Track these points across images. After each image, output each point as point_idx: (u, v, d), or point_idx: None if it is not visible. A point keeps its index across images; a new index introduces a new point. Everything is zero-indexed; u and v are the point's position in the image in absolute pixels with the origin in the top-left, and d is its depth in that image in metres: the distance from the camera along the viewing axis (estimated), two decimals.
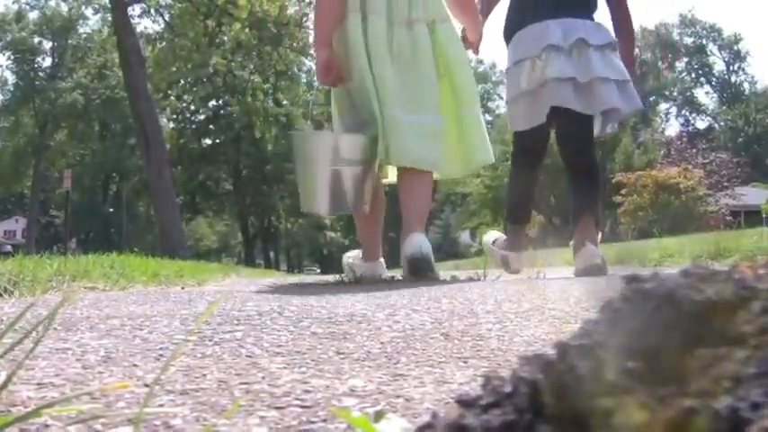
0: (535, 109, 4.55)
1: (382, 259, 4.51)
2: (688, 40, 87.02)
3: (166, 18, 29.50)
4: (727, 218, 35.40)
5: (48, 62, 65.26)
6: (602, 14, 5.59)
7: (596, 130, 4.90)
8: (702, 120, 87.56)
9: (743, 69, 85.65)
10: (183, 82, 49.91)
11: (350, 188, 4.06)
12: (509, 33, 4.89)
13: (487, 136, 4.46)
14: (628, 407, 0.52)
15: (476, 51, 4.83)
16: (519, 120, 4.74)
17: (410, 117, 3.89)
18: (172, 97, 43.69)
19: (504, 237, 5.32)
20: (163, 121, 45.40)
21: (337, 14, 4.04)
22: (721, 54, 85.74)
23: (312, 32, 4.70)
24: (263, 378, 1.37)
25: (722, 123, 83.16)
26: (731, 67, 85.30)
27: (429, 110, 4.00)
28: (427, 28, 4.03)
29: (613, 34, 4.89)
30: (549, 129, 4.80)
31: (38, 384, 1.29)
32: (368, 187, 4.14)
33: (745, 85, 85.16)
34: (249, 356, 1.64)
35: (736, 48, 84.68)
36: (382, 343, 1.85)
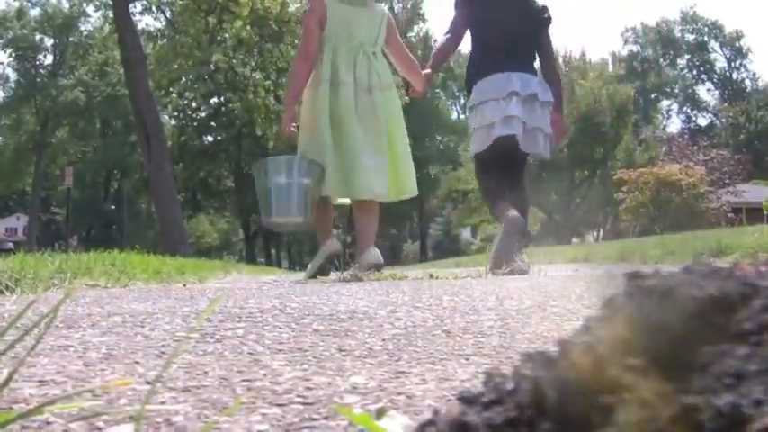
0: (482, 140, 5.77)
1: (334, 238, 5.37)
2: (689, 37, 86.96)
3: (168, 15, 29.49)
4: (729, 215, 35.40)
5: (49, 59, 65.31)
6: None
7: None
8: (704, 117, 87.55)
9: (744, 66, 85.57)
10: (184, 79, 49.83)
11: (300, 199, 5.00)
12: (473, 81, 5.96)
13: (414, 173, 5.51)
14: (630, 404, 0.52)
15: (423, 97, 6.16)
16: (480, 144, 5.83)
17: (373, 160, 4.97)
18: (173, 94, 43.62)
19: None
20: (164, 118, 45.37)
21: (305, 84, 5.17)
22: (723, 51, 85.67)
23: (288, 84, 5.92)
24: (265, 375, 1.37)
25: (723, 120, 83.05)
26: (732, 64, 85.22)
27: (383, 154, 5.07)
28: (381, 93, 5.09)
29: (548, 90, 6.01)
30: (500, 152, 5.74)
31: (39, 381, 1.29)
32: (311, 201, 5.09)
33: (747, 83, 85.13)
34: (251, 354, 1.65)
35: (737, 45, 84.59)
36: (384, 340, 1.85)
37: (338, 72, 4.97)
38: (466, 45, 6.44)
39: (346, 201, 5.60)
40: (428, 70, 6.07)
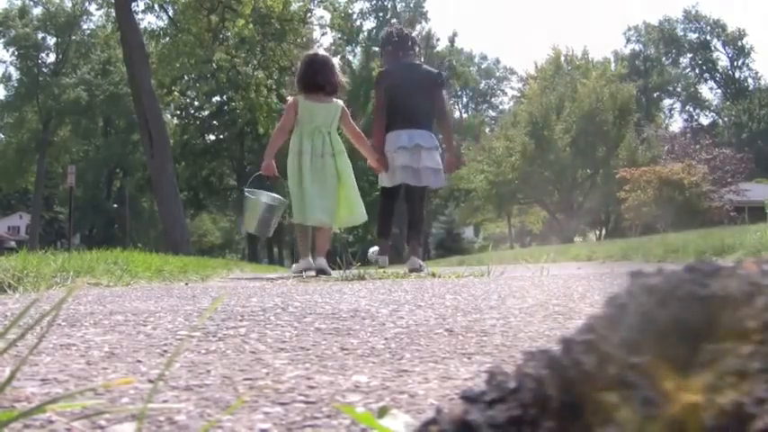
0: (392, 178, 7.75)
1: (309, 256, 7.32)
2: (692, 36, 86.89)
3: (170, 14, 29.43)
4: (731, 214, 35.37)
5: (51, 58, 65.32)
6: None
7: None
8: (706, 115, 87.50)
9: (747, 65, 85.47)
10: (186, 78, 49.92)
11: (267, 222, 7.73)
12: (386, 133, 7.84)
13: (362, 205, 7.40)
14: (633, 402, 0.52)
15: (375, 166, 7.76)
16: (386, 181, 7.84)
17: (320, 201, 7.08)
18: (175, 93, 43.65)
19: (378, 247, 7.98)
20: (166, 116, 45.41)
21: (279, 146, 7.50)
22: (725, 50, 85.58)
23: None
24: (267, 374, 1.37)
25: (726, 119, 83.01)
26: (735, 63, 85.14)
27: (331, 197, 7.16)
28: (332, 157, 7.18)
29: (436, 141, 7.89)
30: (398, 189, 7.86)
31: (42, 380, 1.29)
32: (274, 223, 7.85)
33: (749, 81, 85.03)
34: (253, 352, 1.65)
35: (740, 43, 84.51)
36: (386, 339, 1.85)
37: (302, 144, 7.19)
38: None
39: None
40: (376, 158, 7.76)
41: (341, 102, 7.41)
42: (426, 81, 7.93)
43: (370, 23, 69.22)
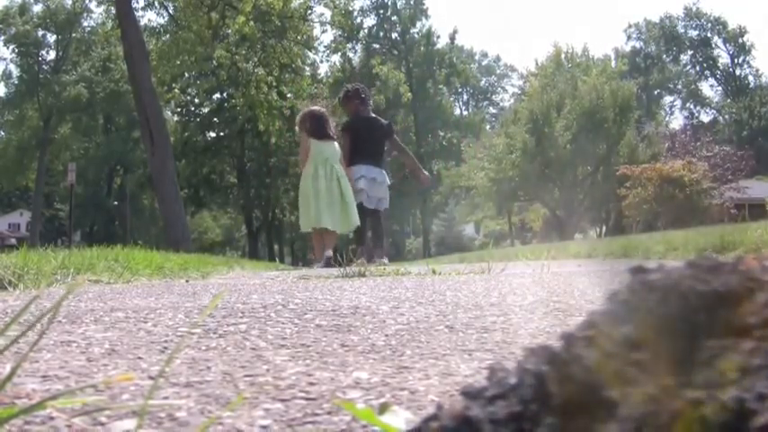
0: (355, 198, 9.93)
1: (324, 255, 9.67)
2: (693, 33, 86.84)
3: (170, 11, 29.41)
4: (732, 211, 35.36)
5: (52, 55, 65.36)
6: None
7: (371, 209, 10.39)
8: (707, 113, 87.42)
9: (747, 62, 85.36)
10: (186, 75, 49.87)
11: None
12: (352, 165, 10.18)
13: (356, 214, 9.82)
14: (634, 398, 0.52)
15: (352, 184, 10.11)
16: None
17: (329, 210, 9.59)
18: (176, 90, 43.65)
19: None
20: (167, 114, 45.40)
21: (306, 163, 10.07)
22: (726, 47, 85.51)
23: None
24: (268, 370, 1.37)
25: (726, 116, 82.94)
26: (736, 61, 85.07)
27: (337, 209, 9.66)
28: (337, 181, 9.73)
29: (386, 177, 10.50)
30: (360, 204, 9.95)
31: (42, 377, 1.29)
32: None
33: (750, 79, 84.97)
34: (254, 349, 1.65)
35: (740, 41, 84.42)
36: (387, 335, 1.85)
37: (317, 171, 9.79)
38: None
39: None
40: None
41: (338, 143, 10.22)
42: (380, 131, 10.53)
43: (370, 21, 69.28)
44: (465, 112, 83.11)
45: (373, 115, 10.98)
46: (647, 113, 70.63)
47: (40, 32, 63.84)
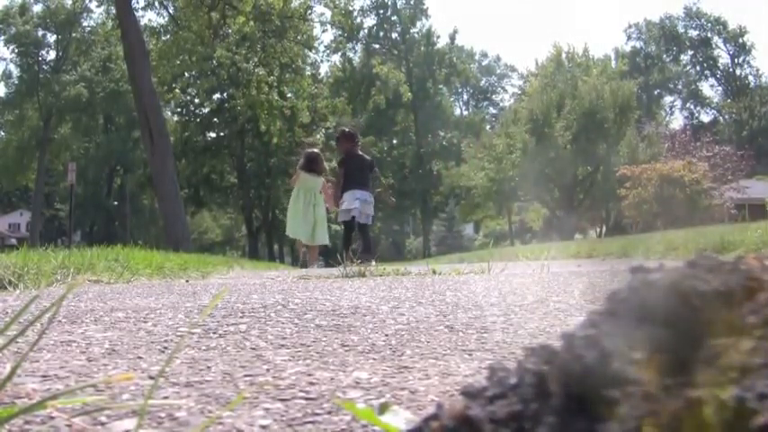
0: (346, 215, 11.68)
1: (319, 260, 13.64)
2: (693, 33, 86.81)
3: (170, 11, 29.41)
4: (732, 211, 35.37)
5: (52, 55, 65.33)
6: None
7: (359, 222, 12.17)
8: (707, 113, 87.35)
9: (748, 62, 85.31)
10: (187, 75, 49.91)
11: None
12: (343, 191, 11.94)
13: (326, 233, 13.15)
14: (634, 397, 0.52)
15: (329, 206, 12.78)
16: (342, 217, 11.91)
17: (304, 226, 12.64)
18: (176, 90, 43.70)
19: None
20: (167, 114, 45.41)
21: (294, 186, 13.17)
22: (726, 47, 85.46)
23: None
24: (268, 370, 1.37)
25: (727, 116, 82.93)
26: (736, 61, 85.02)
27: (309, 226, 12.66)
28: (314, 206, 12.76)
29: (372, 198, 12.21)
30: (352, 221, 11.73)
31: (42, 376, 1.29)
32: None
33: (750, 79, 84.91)
34: (254, 349, 1.65)
35: (741, 41, 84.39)
36: (387, 335, 1.85)
37: (299, 195, 12.65)
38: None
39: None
40: (331, 203, 12.84)
41: (322, 178, 13.04)
42: (367, 164, 12.61)
43: (370, 21, 69.26)
44: (465, 112, 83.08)
45: (361, 153, 13.34)
46: (647, 113, 70.54)
47: (40, 32, 63.82)
